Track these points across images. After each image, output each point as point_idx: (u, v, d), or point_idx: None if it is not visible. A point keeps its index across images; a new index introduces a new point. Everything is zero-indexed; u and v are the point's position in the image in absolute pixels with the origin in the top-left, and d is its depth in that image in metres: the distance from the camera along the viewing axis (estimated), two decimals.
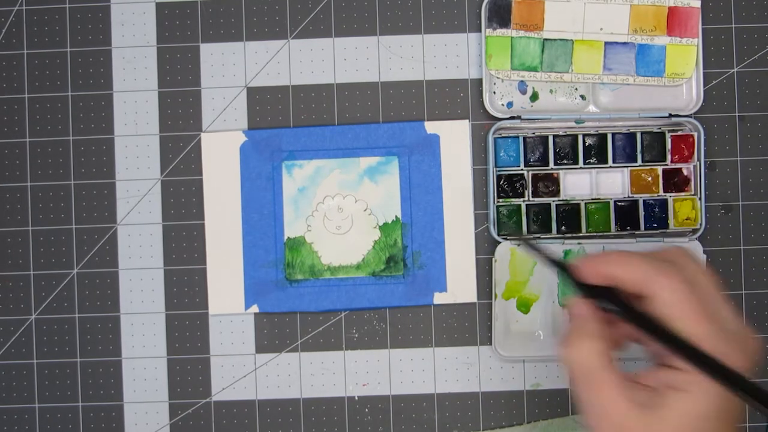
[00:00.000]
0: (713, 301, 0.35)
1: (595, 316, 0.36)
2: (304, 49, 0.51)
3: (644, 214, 0.50)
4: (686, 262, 0.36)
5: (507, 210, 0.50)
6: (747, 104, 0.51)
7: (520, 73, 0.50)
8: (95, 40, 0.51)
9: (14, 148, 0.51)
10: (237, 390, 0.50)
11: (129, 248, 0.51)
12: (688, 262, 0.36)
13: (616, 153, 0.50)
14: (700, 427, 0.34)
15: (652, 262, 0.35)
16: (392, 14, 0.51)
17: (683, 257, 0.36)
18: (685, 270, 0.35)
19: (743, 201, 0.51)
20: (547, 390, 0.50)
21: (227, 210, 0.50)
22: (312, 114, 0.51)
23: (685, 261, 0.36)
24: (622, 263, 0.36)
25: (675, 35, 0.50)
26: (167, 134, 0.51)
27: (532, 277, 0.49)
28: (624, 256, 0.36)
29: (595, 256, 0.36)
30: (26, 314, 0.51)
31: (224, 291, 0.50)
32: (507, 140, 0.50)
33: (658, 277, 0.34)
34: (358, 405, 0.50)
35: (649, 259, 0.36)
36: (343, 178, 0.50)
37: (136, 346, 0.50)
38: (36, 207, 0.51)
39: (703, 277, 0.36)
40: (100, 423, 0.50)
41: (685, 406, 0.34)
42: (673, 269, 0.35)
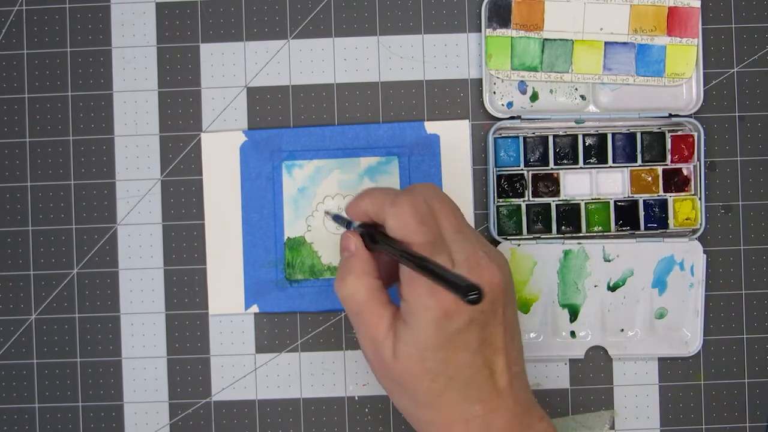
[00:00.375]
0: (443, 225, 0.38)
1: (363, 252, 0.40)
2: (304, 49, 0.51)
3: (644, 214, 0.50)
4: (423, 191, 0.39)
5: (507, 210, 0.50)
6: (747, 104, 0.51)
7: (520, 73, 0.50)
8: (95, 40, 0.51)
9: (14, 148, 0.51)
10: (237, 390, 0.50)
11: (129, 248, 0.51)
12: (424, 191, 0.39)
13: (616, 153, 0.50)
14: (426, 357, 0.37)
15: (387, 195, 0.39)
16: (392, 14, 0.51)
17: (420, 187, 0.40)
18: (417, 199, 0.38)
19: (743, 201, 0.51)
20: (547, 390, 0.50)
21: (227, 210, 0.50)
22: (312, 114, 0.51)
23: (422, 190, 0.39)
24: (366, 198, 0.40)
25: (675, 35, 0.50)
26: (167, 134, 0.51)
27: (532, 277, 0.49)
28: (368, 191, 0.40)
29: (353, 198, 0.41)
30: (26, 314, 0.51)
31: (224, 291, 0.50)
32: (507, 140, 0.50)
33: (387, 207, 0.38)
34: (358, 405, 0.50)
35: (386, 191, 0.39)
36: (343, 178, 0.50)
37: (136, 346, 0.50)
38: (36, 207, 0.51)
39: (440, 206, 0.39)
40: (100, 423, 0.50)
41: (408, 338, 0.37)
42: (402, 198, 0.38)
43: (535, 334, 0.50)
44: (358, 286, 0.39)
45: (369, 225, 0.40)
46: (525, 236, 0.50)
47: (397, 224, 0.38)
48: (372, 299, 0.39)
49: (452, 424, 0.38)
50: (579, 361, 0.50)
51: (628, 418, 0.50)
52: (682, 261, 0.49)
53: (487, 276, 0.38)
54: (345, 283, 0.39)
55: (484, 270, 0.38)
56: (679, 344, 0.50)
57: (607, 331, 0.50)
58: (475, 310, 0.37)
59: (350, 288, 0.39)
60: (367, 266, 0.39)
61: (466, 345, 0.37)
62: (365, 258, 0.40)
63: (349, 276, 0.39)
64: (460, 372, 0.37)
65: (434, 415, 0.38)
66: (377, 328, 0.38)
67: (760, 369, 0.50)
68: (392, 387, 0.39)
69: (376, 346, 0.39)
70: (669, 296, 0.49)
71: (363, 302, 0.39)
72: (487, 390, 0.38)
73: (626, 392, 0.50)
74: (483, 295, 0.30)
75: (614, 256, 0.49)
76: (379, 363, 0.39)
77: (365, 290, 0.39)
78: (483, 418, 0.38)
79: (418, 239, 0.37)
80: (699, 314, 0.49)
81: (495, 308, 0.38)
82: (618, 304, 0.50)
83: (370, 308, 0.39)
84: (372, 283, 0.39)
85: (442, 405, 0.38)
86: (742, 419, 0.50)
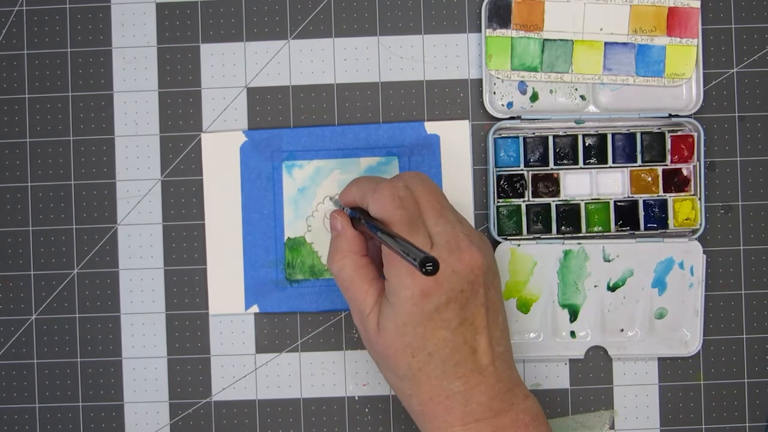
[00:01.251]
0: (423, 209, 0.40)
1: (349, 231, 0.42)
2: (304, 49, 0.51)
3: (644, 214, 0.50)
4: (406, 178, 0.41)
5: (507, 210, 0.50)
6: (747, 104, 0.51)
7: (520, 73, 0.50)
8: (95, 40, 0.51)
9: (14, 148, 0.51)
10: (237, 390, 0.50)
11: (129, 248, 0.51)
12: (407, 178, 0.41)
13: (616, 153, 0.50)
14: (405, 332, 0.39)
15: (371, 182, 0.41)
16: (392, 14, 0.51)
17: (405, 175, 0.42)
18: (398, 185, 0.41)
19: (743, 201, 0.51)
20: (547, 390, 0.50)
21: (227, 210, 0.50)
22: (312, 114, 0.51)
23: (405, 177, 0.41)
24: (353, 186, 0.43)
25: (675, 35, 0.50)
26: (167, 134, 0.51)
27: (532, 277, 0.49)
28: (355, 180, 0.43)
29: (345, 186, 0.44)
30: (26, 314, 0.51)
31: (224, 291, 0.50)
32: (507, 140, 0.50)
33: (369, 193, 0.41)
34: (358, 405, 0.50)
35: (371, 179, 0.42)
36: (343, 178, 0.50)
37: (136, 346, 0.50)
38: (36, 207, 0.51)
39: (422, 193, 0.41)
40: (100, 423, 0.50)
41: (389, 313, 0.39)
42: (384, 185, 0.41)
43: (535, 334, 0.50)
44: (344, 262, 0.41)
45: (358, 209, 0.43)
46: (525, 236, 0.50)
47: (377, 208, 0.40)
48: (358, 276, 0.41)
49: (433, 398, 0.40)
50: (579, 361, 0.50)
51: (628, 418, 0.50)
52: (682, 261, 0.49)
53: (467, 257, 0.39)
54: (333, 260, 0.42)
55: (464, 252, 0.39)
56: (679, 344, 0.50)
57: (607, 331, 0.50)
58: (454, 290, 0.39)
59: (337, 265, 0.42)
60: (353, 244, 0.42)
61: (446, 323, 0.39)
62: (351, 236, 0.42)
63: (336, 254, 0.42)
64: (439, 349, 0.39)
65: (415, 389, 0.40)
66: (364, 303, 0.41)
67: (760, 369, 0.50)
68: (378, 359, 0.42)
69: (363, 319, 0.41)
70: (669, 296, 0.49)
71: (349, 278, 0.41)
72: (468, 367, 0.39)
73: (626, 392, 0.50)
74: (438, 267, 0.32)
75: (614, 256, 0.49)
76: (366, 336, 0.41)
77: (351, 267, 0.41)
78: (463, 395, 0.39)
79: (398, 222, 0.39)
80: (699, 314, 0.49)
81: (476, 289, 0.40)
82: (618, 304, 0.50)
83: (357, 284, 0.41)
84: (358, 260, 0.42)
85: (422, 379, 0.39)
86: (742, 419, 0.50)
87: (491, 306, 0.41)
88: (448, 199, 0.42)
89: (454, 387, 0.39)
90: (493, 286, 0.41)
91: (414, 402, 0.40)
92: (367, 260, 0.42)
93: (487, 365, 0.40)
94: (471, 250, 0.40)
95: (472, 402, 0.39)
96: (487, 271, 0.40)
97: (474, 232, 0.41)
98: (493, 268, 0.42)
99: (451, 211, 0.42)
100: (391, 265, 0.39)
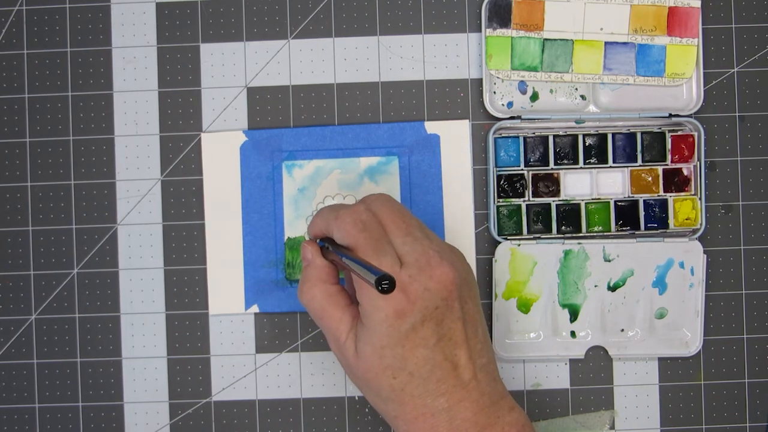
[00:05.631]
0: (389, 231, 0.40)
1: (319, 260, 0.42)
2: (304, 49, 0.51)
3: (644, 213, 0.50)
4: (369, 201, 0.41)
5: (507, 210, 0.50)
6: (747, 104, 0.51)
7: (520, 73, 0.50)
8: (95, 40, 0.51)
9: (14, 148, 0.51)
10: (237, 390, 0.50)
11: (129, 248, 0.51)
12: (370, 201, 0.41)
13: (616, 153, 0.50)
14: (384, 354, 0.39)
15: (332, 210, 0.41)
16: (392, 14, 0.51)
17: (368, 198, 0.42)
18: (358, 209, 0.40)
19: (743, 201, 0.51)
20: (547, 390, 0.50)
21: (227, 210, 0.50)
22: (312, 114, 0.51)
23: (368, 201, 0.41)
24: (317, 217, 0.43)
25: (675, 35, 0.50)
26: (167, 134, 0.51)
27: (532, 277, 0.49)
28: (319, 211, 0.43)
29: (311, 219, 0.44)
30: (26, 314, 0.51)
31: (224, 291, 0.50)
32: (507, 140, 0.50)
33: (332, 222, 0.41)
34: (358, 405, 0.50)
35: (332, 208, 0.42)
36: (343, 178, 0.50)
37: (136, 346, 0.50)
38: (36, 207, 0.51)
39: (385, 214, 0.41)
40: (100, 423, 0.50)
41: (365, 337, 0.39)
42: (345, 211, 0.40)
43: (535, 334, 0.50)
44: (314, 291, 0.41)
45: (326, 239, 0.43)
46: (525, 236, 0.50)
47: (341, 235, 0.40)
48: (329, 304, 0.41)
49: (418, 417, 0.39)
50: (579, 361, 0.50)
51: (628, 418, 0.50)
52: (683, 261, 0.49)
53: (438, 273, 0.39)
54: (303, 291, 0.42)
55: (435, 268, 0.39)
56: (679, 344, 0.50)
57: (607, 331, 0.50)
58: (428, 308, 0.39)
59: (308, 294, 0.42)
60: (323, 273, 0.42)
61: (423, 341, 0.38)
62: (321, 266, 0.42)
63: (306, 283, 0.42)
64: (419, 368, 0.39)
65: (400, 410, 0.40)
66: (338, 330, 0.41)
67: (760, 369, 0.50)
68: (360, 384, 0.41)
69: (340, 347, 0.41)
70: (669, 296, 0.49)
71: (320, 307, 0.41)
72: (450, 383, 0.39)
73: (626, 392, 0.50)
74: (394, 285, 0.32)
75: (614, 256, 0.49)
76: (345, 362, 0.41)
77: (321, 296, 0.41)
78: (448, 411, 0.39)
79: (363, 246, 0.39)
80: (699, 314, 0.49)
81: (450, 304, 0.39)
82: (618, 304, 0.50)
83: (329, 312, 0.41)
84: (328, 288, 0.41)
85: (406, 400, 0.39)
86: (742, 419, 0.50)
87: (469, 319, 0.40)
88: (414, 217, 0.42)
89: (438, 404, 0.39)
90: (470, 299, 0.41)
91: (400, 423, 0.40)
92: (338, 288, 0.42)
93: (470, 379, 0.39)
94: (442, 265, 0.39)
95: (456, 418, 0.39)
96: (461, 285, 0.40)
97: (444, 247, 0.41)
98: (469, 280, 0.41)
99: (419, 228, 0.41)
100: (362, 290, 0.39)
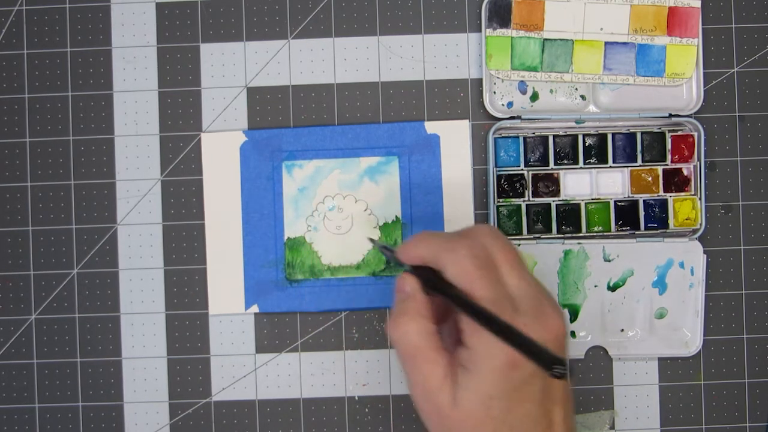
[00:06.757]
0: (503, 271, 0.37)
1: (420, 295, 0.38)
2: (304, 49, 0.51)
3: (644, 214, 0.50)
4: (480, 235, 0.38)
5: (507, 210, 0.50)
6: (747, 104, 0.51)
7: (520, 73, 0.50)
8: (95, 40, 0.51)
9: (14, 148, 0.51)
10: (237, 390, 0.50)
11: (129, 248, 0.51)
12: (481, 235, 0.38)
13: (616, 153, 0.50)
14: (491, 405, 0.36)
15: (444, 240, 0.38)
16: (392, 14, 0.51)
17: (478, 231, 0.39)
18: (475, 244, 0.37)
19: (743, 201, 0.51)
20: None
21: (227, 210, 0.50)
22: (312, 114, 0.51)
23: (479, 234, 0.38)
24: (421, 243, 0.39)
25: (675, 35, 0.50)
26: (167, 134, 0.51)
27: None
28: (422, 236, 0.39)
29: (407, 241, 0.40)
30: (26, 314, 0.51)
31: (224, 291, 0.50)
32: (507, 140, 0.50)
33: (444, 253, 0.37)
34: (358, 405, 0.50)
35: (443, 236, 0.38)
36: (343, 178, 0.50)
37: (136, 346, 0.50)
38: (36, 207, 0.51)
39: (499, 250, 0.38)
40: (100, 423, 0.50)
41: (472, 385, 0.36)
42: (460, 243, 0.37)
43: None
44: (410, 327, 0.38)
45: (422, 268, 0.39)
46: (525, 236, 0.50)
47: (456, 272, 0.37)
48: (427, 344, 0.37)
49: None
50: (579, 361, 0.50)
51: (628, 418, 0.50)
52: (683, 261, 0.49)
53: (552, 324, 0.37)
54: (398, 325, 0.38)
55: (549, 318, 0.37)
56: (679, 344, 0.50)
57: (607, 331, 0.50)
58: None
59: (401, 329, 0.38)
60: (423, 309, 0.38)
61: (531, 395, 0.36)
62: (421, 301, 0.38)
63: (403, 317, 0.38)
64: (521, 422, 0.36)
65: None
66: (432, 374, 0.37)
67: (760, 369, 0.50)
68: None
69: (431, 392, 0.37)
70: (669, 296, 0.49)
71: (417, 346, 0.37)
72: None
73: (626, 392, 0.50)
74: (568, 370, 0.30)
75: (614, 256, 0.49)
76: (434, 410, 0.37)
77: (420, 334, 0.37)
78: None
79: (481, 288, 0.36)
80: (699, 314, 0.49)
81: None
82: (618, 304, 0.50)
83: (425, 353, 0.37)
84: (427, 326, 0.38)
85: None
86: (742, 419, 0.50)
87: None
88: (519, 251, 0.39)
89: None
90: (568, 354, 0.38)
91: None
92: (434, 328, 0.38)
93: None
94: (555, 316, 0.37)
95: None
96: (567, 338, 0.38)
97: (549, 292, 0.38)
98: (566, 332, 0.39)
99: (526, 269, 0.38)
100: (474, 333, 0.36)
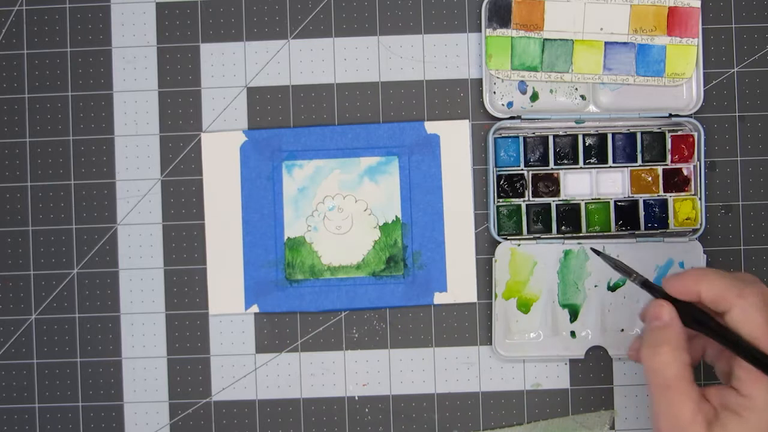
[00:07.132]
0: None
1: (679, 326, 0.38)
2: (304, 49, 0.51)
3: (644, 214, 0.50)
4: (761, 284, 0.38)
5: (507, 210, 0.50)
6: (747, 104, 0.51)
7: (520, 73, 0.50)
8: (95, 40, 0.51)
9: (14, 148, 0.51)
10: (237, 390, 0.50)
11: (129, 248, 0.51)
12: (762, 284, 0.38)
13: (616, 153, 0.50)
14: None
15: (731, 281, 0.37)
16: (392, 14, 0.51)
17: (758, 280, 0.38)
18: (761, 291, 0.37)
19: (743, 201, 0.51)
20: (547, 390, 0.50)
21: (227, 210, 0.50)
22: (312, 114, 0.51)
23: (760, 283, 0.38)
24: (704, 280, 0.38)
25: (675, 35, 0.50)
26: (167, 134, 0.51)
27: (532, 277, 0.49)
28: (703, 273, 0.38)
29: (679, 274, 0.39)
30: (26, 314, 0.51)
31: (224, 291, 0.50)
32: (507, 140, 0.50)
33: (733, 297, 0.37)
34: (358, 405, 0.50)
35: (727, 277, 0.38)
36: (343, 178, 0.50)
37: (136, 346, 0.50)
38: (36, 207, 0.51)
39: None
40: (100, 423, 0.50)
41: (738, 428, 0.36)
42: (749, 289, 0.37)
43: (535, 334, 0.50)
44: (669, 358, 0.37)
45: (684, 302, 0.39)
46: (525, 236, 0.50)
47: (744, 318, 0.37)
48: (683, 376, 0.37)
49: None
50: (579, 361, 0.50)
51: (628, 418, 0.50)
52: (683, 261, 0.49)
53: None
54: (656, 353, 0.38)
55: None
56: None
57: (607, 331, 0.50)
58: None
59: (665, 361, 0.38)
60: (682, 341, 0.38)
61: None
62: (681, 331, 0.38)
63: (664, 347, 0.38)
64: None
65: None
66: (684, 408, 0.37)
67: None
68: None
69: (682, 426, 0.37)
70: None
71: (674, 378, 0.37)
72: None
73: (626, 392, 0.50)
74: None
75: (614, 256, 0.49)
76: None
77: (678, 366, 0.38)
78: None
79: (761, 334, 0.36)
80: None
81: None
82: (618, 304, 0.50)
83: (680, 385, 0.37)
84: (684, 358, 0.38)
85: None
86: None
87: None
88: None
89: None
90: None
91: None
92: (690, 360, 0.38)
93: None
94: None
95: None
96: None
97: None
98: None
99: None
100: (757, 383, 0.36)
